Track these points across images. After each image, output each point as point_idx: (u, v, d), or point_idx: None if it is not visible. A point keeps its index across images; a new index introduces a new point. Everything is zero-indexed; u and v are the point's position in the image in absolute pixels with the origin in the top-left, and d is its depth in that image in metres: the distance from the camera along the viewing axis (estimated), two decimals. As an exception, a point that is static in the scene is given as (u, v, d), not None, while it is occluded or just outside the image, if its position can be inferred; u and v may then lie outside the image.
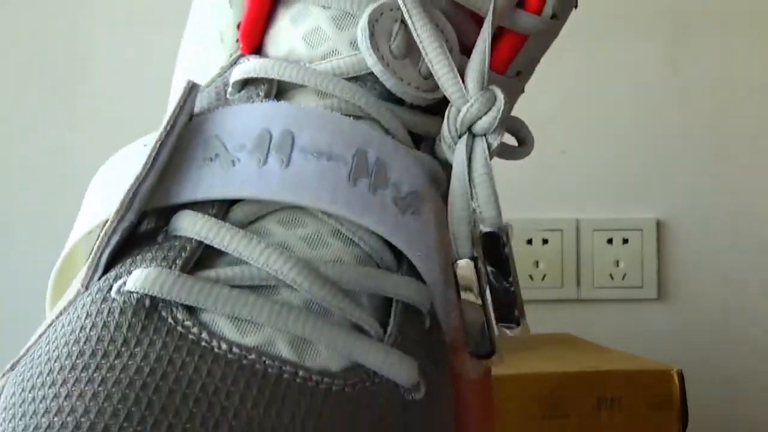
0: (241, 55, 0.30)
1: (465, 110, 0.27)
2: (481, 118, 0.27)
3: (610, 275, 0.90)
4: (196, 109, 0.27)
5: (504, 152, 0.31)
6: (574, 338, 0.77)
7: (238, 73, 0.28)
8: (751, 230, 0.91)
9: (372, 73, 0.28)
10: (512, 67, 0.31)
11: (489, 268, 0.27)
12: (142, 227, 0.25)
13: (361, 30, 0.28)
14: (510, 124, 0.31)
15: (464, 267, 0.27)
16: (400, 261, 0.27)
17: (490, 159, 0.27)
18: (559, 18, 0.31)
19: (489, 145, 0.28)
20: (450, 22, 0.29)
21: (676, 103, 0.91)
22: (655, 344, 0.87)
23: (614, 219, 0.90)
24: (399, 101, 0.29)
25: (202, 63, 0.31)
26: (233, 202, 0.26)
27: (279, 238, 0.25)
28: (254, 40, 0.29)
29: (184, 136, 0.26)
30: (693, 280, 0.90)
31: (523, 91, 0.34)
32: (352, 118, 0.27)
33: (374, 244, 0.26)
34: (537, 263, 0.89)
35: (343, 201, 0.25)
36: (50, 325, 0.24)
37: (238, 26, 0.30)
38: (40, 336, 0.24)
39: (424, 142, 0.29)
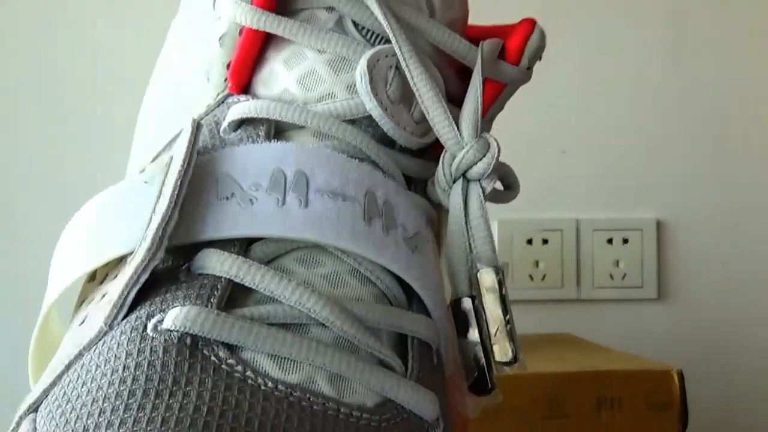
0: (230, 95, 0.30)
1: (461, 156, 0.29)
2: (476, 164, 0.29)
3: (610, 275, 0.90)
4: (208, 131, 0.28)
5: (493, 195, 0.32)
6: (574, 338, 0.77)
7: (234, 113, 0.28)
8: (751, 230, 0.91)
9: (367, 117, 0.29)
10: (491, 111, 0.33)
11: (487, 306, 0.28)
12: (159, 264, 0.25)
13: (360, 74, 0.28)
14: (499, 170, 0.31)
15: (464, 305, 0.28)
16: (410, 298, 0.27)
17: (485, 202, 0.29)
18: (530, 68, 0.33)
19: (483, 190, 0.29)
20: (436, 68, 0.30)
21: (676, 103, 0.91)
22: (655, 344, 0.87)
23: (614, 219, 0.90)
24: (391, 144, 0.30)
25: (185, 96, 0.31)
26: (252, 241, 0.26)
27: (300, 277, 0.25)
28: (243, 80, 0.30)
29: (194, 175, 0.26)
30: (693, 280, 0.90)
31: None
32: (355, 159, 0.28)
33: (389, 283, 0.27)
34: (537, 263, 0.89)
35: (362, 240, 0.26)
36: (70, 365, 0.24)
37: (227, 66, 0.30)
38: (60, 377, 0.23)
39: (414, 184, 0.30)
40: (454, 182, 0.29)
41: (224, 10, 0.29)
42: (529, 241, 0.89)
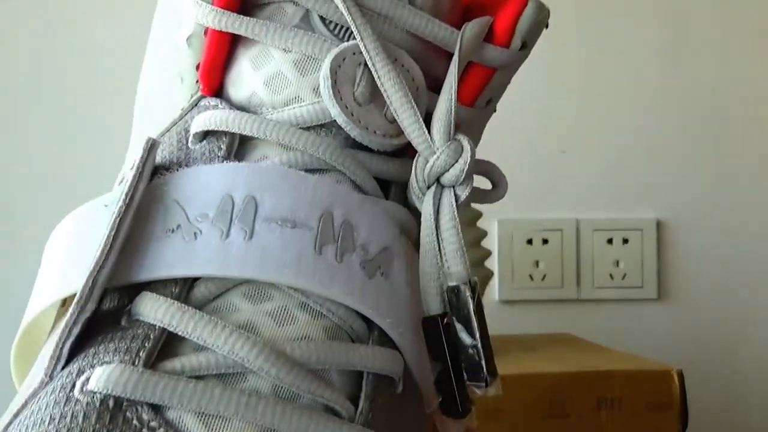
0: (202, 97, 0.29)
1: (432, 162, 0.27)
2: (448, 170, 0.27)
3: (610, 275, 0.90)
4: (159, 159, 0.27)
5: (476, 196, 0.30)
6: (574, 338, 0.77)
7: (198, 124, 0.27)
8: (751, 230, 0.91)
9: (335, 121, 0.27)
10: (481, 98, 0.30)
11: (457, 325, 0.26)
12: (104, 305, 0.24)
13: (323, 79, 0.27)
14: (481, 168, 0.30)
15: (433, 324, 0.26)
16: (371, 326, 0.26)
17: (458, 210, 0.27)
18: (528, 46, 0.30)
19: (457, 197, 0.27)
20: (416, 58, 0.28)
21: (676, 103, 0.91)
22: (655, 344, 0.87)
23: (614, 219, 0.90)
24: (365, 147, 0.28)
25: (163, 100, 0.30)
26: (197, 278, 0.25)
27: (244, 314, 0.24)
28: (214, 81, 0.28)
29: (144, 202, 0.25)
30: (693, 280, 0.90)
31: (495, 110, 0.34)
32: (316, 173, 0.27)
33: (343, 314, 0.25)
34: (537, 263, 0.89)
35: (309, 273, 0.24)
36: (17, 414, 0.23)
37: (197, 67, 0.29)
38: (8, 425, 0.23)
39: (393, 187, 0.29)
40: (428, 188, 0.27)
41: (187, 10, 0.28)
42: (529, 241, 0.89)
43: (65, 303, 0.27)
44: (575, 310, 0.89)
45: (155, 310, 0.23)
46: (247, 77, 0.28)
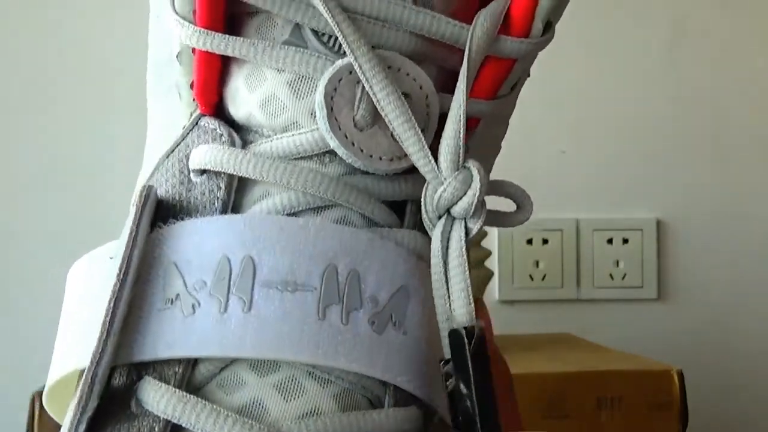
0: (202, 115, 0.27)
1: (439, 193, 0.25)
2: (456, 202, 0.25)
3: (610, 275, 0.90)
4: (161, 192, 0.26)
5: (498, 220, 0.28)
6: (574, 338, 0.77)
7: (195, 160, 0.26)
8: (751, 230, 0.91)
9: None
10: (504, 88, 0.28)
11: (455, 372, 0.24)
12: (114, 381, 0.24)
13: (318, 107, 0.24)
14: (502, 191, 0.27)
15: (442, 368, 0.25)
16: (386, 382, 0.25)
17: (467, 245, 0.25)
18: (552, 26, 0.28)
19: (468, 230, 0.25)
20: (425, 58, 0.26)
21: (676, 102, 0.91)
22: (655, 344, 0.87)
23: (614, 219, 0.90)
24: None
25: (163, 111, 0.29)
26: None
27: (251, 389, 0.24)
28: (211, 99, 0.27)
29: (144, 263, 0.24)
30: (693, 280, 0.90)
31: (528, 75, 0.31)
32: (321, 212, 0.25)
33: (353, 378, 0.24)
34: (537, 263, 0.89)
35: (311, 345, 0.23)
36: None
37: (191, 85, 0.27)
38: None
39: (409, 205, 0.27)
40: (439, 218, 0.25)
41: (171, 28, 0.26)
42: (529, 241, 0.89)
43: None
44: (575, 310, 0.89)
45: (157, 401, 0.23)
46: (243, 97, 0.26)
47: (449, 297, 0.24)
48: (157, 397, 0.23)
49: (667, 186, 0.90)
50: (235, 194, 0.26)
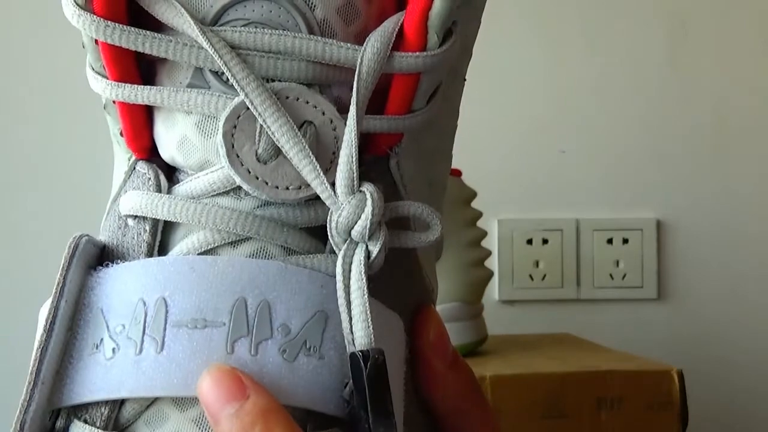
0: (138, 160, 0.28)
1: (336, 217, 0.25)
2: (353, 226, 0.25)
3: (610, 275, 0.90)
4: (103, 238, 0.27)
5: (407, 240, 0.27)
6: (574, 338, 0.77)
7: (123, 207, 0.27)
8: (751, 230, 0.91)
9: None
10: (417, 100, 0.27)
11: (355, 396, 0.24)
12: (57, 425, 0.25)
13: (218, 145, 0.25)
14: (406, 211, 0.26)
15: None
16: None
17: (369, 270, 0.25)
18: (453, 34, 0.27)
19: (369, 254, 0.25)
20: (328, 83, 0.26)
21: (676, 102, 0.91)
22: (655, 344, 0.87)
23: (614, 219, 0.90)
24: None
25: (115, 163, 0.30)
26: None
27: (172, 425, 0.24)
28: (143, 143, 0.27)
29: (78, 307, 0.26)
30: (693, 280, 0.90)
31: (464, 80, 0.31)
32: (238, 246, 0.26)
33: None
34: (537, 263, 0.89)
35: None
36: None
37: (121, 133, 0.28)
38: None
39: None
40: (344, 242, 0.25)
41: (90, 81, 0.27)
42: (529, 241, 0.89)
43: None
44: (575, 310, 0.89)
45: None
46: (164, 140, 0.27)
47: (350, 320, 0.24)
48: None
49: (667, 186, 0.90)
50: (162, 236, 0.26)
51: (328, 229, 0.25)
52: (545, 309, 0.89)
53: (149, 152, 0.28)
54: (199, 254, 0.26)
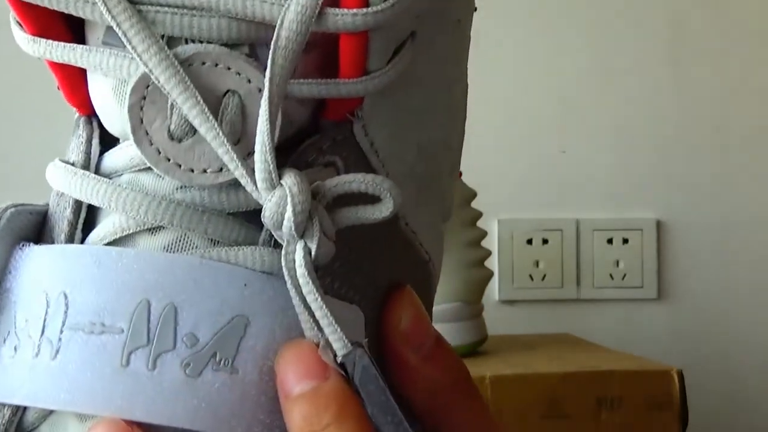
0: (80, 117, 0.24)
1: (263, 214, 0.21)
2: (281, 223, 0.21)
3: (610, 275, 0.90)
4: (53, 202, 0.24)
5: (357, 216, 0.22)
6: (574, 338, 0.77)
7: (48, 176, 0.24)
8: (751, 230, 0.91)
9: None
10: (371, 60, 0.22)
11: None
12: None
13: (124, 120, 0.21)
14: (352, 187, 0.22)
15: None
16: None
17: (316, 262, 0.21)
18: None
19: (309, 250, 0.21)
20: (259, 45, 0.22)
21: (676, 102, 0.91)
22: (655, 344, 0.87)
23: (614, 219, 0.90)
24: None
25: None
26: None
27: None
28: (81, 100, 0.24)
29: (2, 287, 0.23)
30: (693, 280, 0.90)
31: (459, 21, 0.27)
32: (155, 234, 0.22)
33: (167, 429, 0.21)
34: (537, 263, 0.89)
35: (107, 396, 0.20)
36: None
37: (58, 88, 0.24)
38: None
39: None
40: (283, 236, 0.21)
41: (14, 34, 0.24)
42: (529, 241, 0.89)
43: None
44: (575, 310, 0.89)
45: None
46: (93, 102, 0.24)
47: (319, 327, 0.21)
48: None
49: (667, 186, 0.90)
50: (89, 214, 0.23)
51: (262, 219, 0.21)
52: (545, 309, 0.89)
53: (90, 108, 0.24)
54: (112, 242, 0.22)
